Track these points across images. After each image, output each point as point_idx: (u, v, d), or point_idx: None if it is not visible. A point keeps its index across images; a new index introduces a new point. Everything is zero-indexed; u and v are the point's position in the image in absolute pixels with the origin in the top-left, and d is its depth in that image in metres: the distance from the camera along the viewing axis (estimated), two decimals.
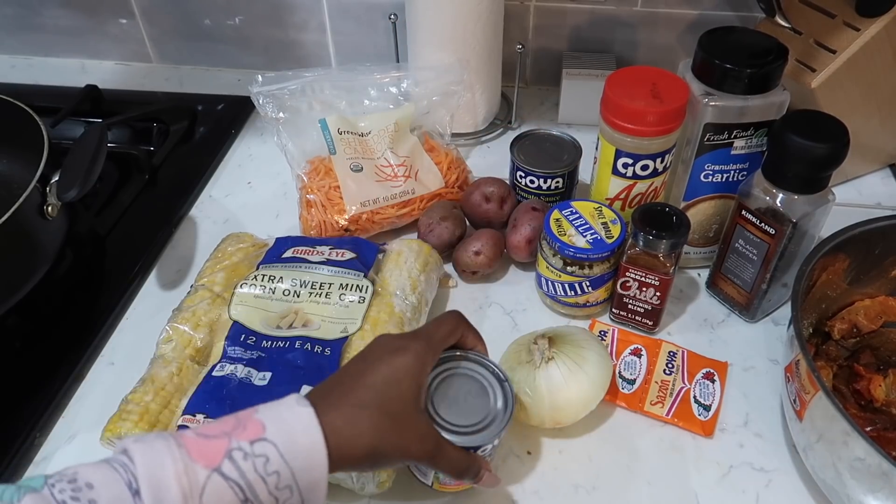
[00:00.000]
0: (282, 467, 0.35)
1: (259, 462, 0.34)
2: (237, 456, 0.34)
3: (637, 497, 0.51)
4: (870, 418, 0.53)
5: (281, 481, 0.35)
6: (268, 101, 0.72)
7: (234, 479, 0.34)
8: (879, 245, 0.57)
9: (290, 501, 0.35)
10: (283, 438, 0.36)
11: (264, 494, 0.34)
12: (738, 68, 0.55)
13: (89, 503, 0.31)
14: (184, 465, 0.33)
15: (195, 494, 0.33)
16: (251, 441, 0.35)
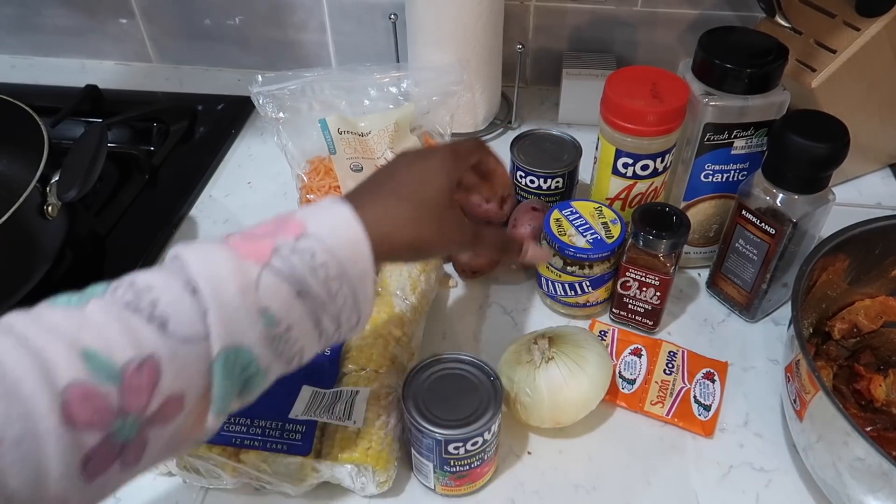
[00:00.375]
0: (328, 259, 0.36)
1: (306, 256, 0.35)
2: (284, 251, 0.35)
3: (637, 497, 0.51)
4: (870, 418, 0.53)
5: (329, 273, 0.36)
6: (268, 101, 0.72)
7: (284, 272, 0.35)
8: (880, 245, 0.57)
9: (342, 294, 0.37)
10: (325, 233, 0.37)
11: (316, 287, 0.36)
12: (738, 68, 0.55)
13: (151, 303, 0.32)
14: (235, 263, 0.34)
15: (250, 289, 0.34)
16: (295, 237, 0.36)
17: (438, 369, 0.50)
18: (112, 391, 0.30)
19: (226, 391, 0.34)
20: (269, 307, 0.34)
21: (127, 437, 0.31)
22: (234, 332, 0.33)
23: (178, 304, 0.33)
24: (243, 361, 0.34)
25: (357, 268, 0.37)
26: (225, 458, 0.48)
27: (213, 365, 0.33)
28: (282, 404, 0.50)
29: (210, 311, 0.33)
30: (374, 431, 0.49)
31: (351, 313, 0.38)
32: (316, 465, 0.48)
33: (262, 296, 0.34)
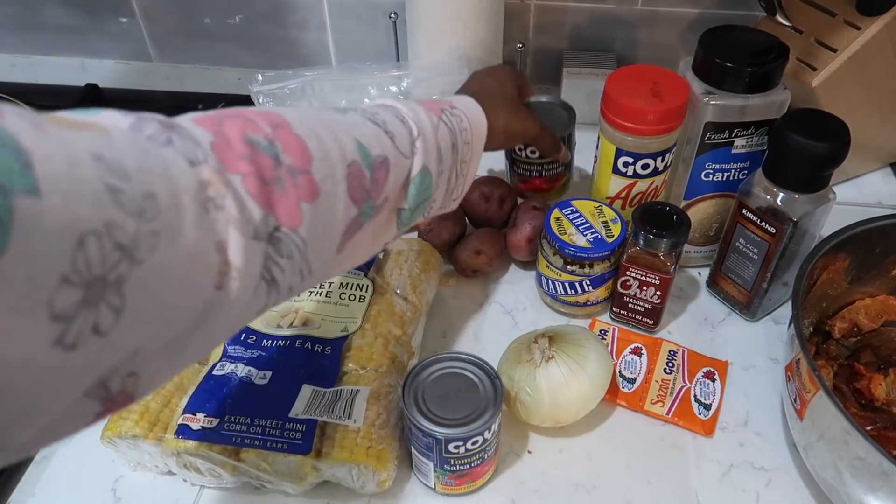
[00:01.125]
0: (468, 126, 0.49)
1: (456, 120, 0.48)
2: (447, 112, 0.48)
3: (637, 496, 0.51)
4: (870, 417, 0.52)
5: (465, 136, 0.48)
6: (268, 100, 0.72)
7: (450, 126, 0.47)
8: (880, 244, 0.57)
9: (465, 156, 0.49)
10: (466, 109, 0.50)
11: (459, 142, 0.48)
12: (738, 67, 0.55)
13: (383, 121, 0.42)
14: (425, 111, 0.45)
15: (434, 128, 0.45)
16: (451, 106, 0.49)
17: (438, 368, 0.50)
18: (367, 176, 0.38)
19: (413, 205, 0.44)
20: (440, 146, 0.45)
21: (364, 219, 0.39)
22: (428, 158, 0.44)
23: (398, 128, 0.42)
24: (426, 182, 0.44)
25: (478, 140, 0.51)
26: (225, 457, 0.48)
27: (413, 178, 0.43)
28: (282, 403, 0.50)
29: (418, 137, 0.43)
30: (375, 431, 0.49)
31: (464, 178, 0.50)
32: (316, 464, 0.48)
33: (440, 137, 0.45)
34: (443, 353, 0.50)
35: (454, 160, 0.47)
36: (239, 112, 0.36)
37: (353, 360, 0.53)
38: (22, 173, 0.20)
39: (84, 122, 0.25)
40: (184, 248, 0.26)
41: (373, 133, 0.40)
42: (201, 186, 0.28)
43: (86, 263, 0.22)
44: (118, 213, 0.23)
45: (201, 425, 0.48)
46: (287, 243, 0.33)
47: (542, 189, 0.70)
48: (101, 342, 0.23)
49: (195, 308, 0.28)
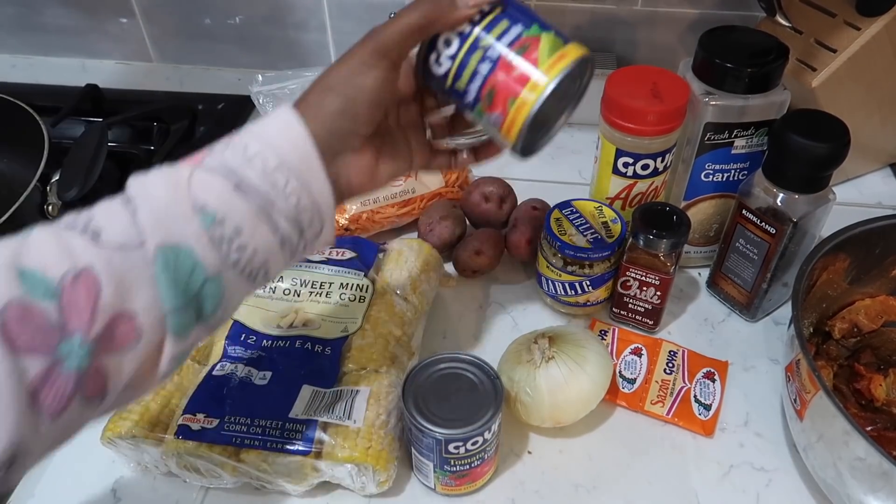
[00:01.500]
0: (263, 148, 0.34)
1: (238, 149, 0.34)
2: (218, 149, 0.35)
3: (637, 496, 0.51)
4: (870, 418, 0.52)
5: (268, 163, 0.34)
6: (268, 101, 0.72)
7: (215, 167, 0.34)
8: (880, 244, 0.57)
9: (292, 187, 0.35)
10: (257, 128, 0.36)
11: (256, 179, 0.34)
12: (738, 67, 0.55)
13: (87, 219, 0.32)
14: (169, 170, 0.34)
15: (181, 185, 0.33)
16: (229, 140, 0.36)
17: (439, 369, 0.50)
18: (50, 307, 0.29)
19: (176, 303, 0.32)
20: (206, 203, 0.33)
21: (78, 364, 0.30)
22: (168, 229, 0.32)
23: (111, 216, 0.32)
24: (186, 264, 0.32)
25: (297, 152, 0.35)
26: (225, 458, 0.48)
27: (154, 268, 0.32)
28: (282, 404, 0.50)
29: (139, 210, 0.32)
30: (375, 431, 0.49)
31: (312, 216, 0.36)
32: (316, 464, 0.48)
33: (195, 191, 0.33)
34: (443, 353, 0.50)
35: (262, 202, 0.34)
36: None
37: (353, 361, 0.53)
38: None
39: None
40: None
41: (57, 247, 0.31)
42: None
43: None
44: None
45: (201, 426, 0.48)
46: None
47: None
48: None
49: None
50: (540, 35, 0.38)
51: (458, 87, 0.40)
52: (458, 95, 0.40)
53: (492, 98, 0.39)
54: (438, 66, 0.40)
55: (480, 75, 0.38)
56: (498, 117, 0.39)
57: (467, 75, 0.39)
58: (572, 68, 0.38)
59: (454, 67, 0.39)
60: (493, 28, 0.38)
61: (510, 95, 0.38)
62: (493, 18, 0.38)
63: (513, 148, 0.41)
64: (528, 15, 0.39)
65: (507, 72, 0.38)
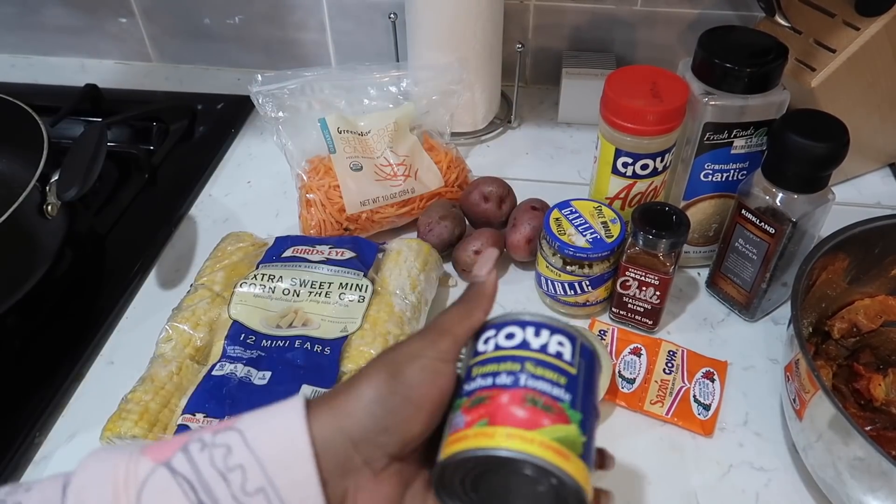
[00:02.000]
0: (246, 460, 0.27)
1: (218, 453, 0.27)
2: (193, 448, 0.27)
3: (637, 496, 0.51)
4: (869, 417, 0.53)
5: (248, 481, 0.27)
6: (267, 101, 0.72)
7: (183, 473, 0.27)
8: (879, 244, 0.57)
9: (250, 488, 0.27)
10: (252, 425, 0.28)
11: (226, 498, 0.26)
12: (738, 67, 0.55)
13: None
14: (127, 459, 0.27)
15: (131, 491, 0.26)
16: (215, 432, 0.28)
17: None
18: None
19: None
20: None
21: None
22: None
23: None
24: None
25: (290, 476, 0.27)
26: None
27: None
28: None
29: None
30: None
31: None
32: None
33: (144, 501, 0.26)
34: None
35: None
36: None
37: (352, 361, 0.53)
38: None
39: None
40: None
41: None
42: None
43: None
44: None
45: (201, 425, 0.48)
46: None
47: None
48: None
49: None
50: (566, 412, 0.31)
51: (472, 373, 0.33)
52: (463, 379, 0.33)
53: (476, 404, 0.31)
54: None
55: (490, 379, 0.32)
56: (460, 420, 0.31)
57: (485, 370, 0.33)
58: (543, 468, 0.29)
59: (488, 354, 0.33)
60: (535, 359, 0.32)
61: (487, 417, 0.30)
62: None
63: (437, 462, 0.31)
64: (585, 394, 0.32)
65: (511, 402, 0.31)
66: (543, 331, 0.34)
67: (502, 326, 0.35)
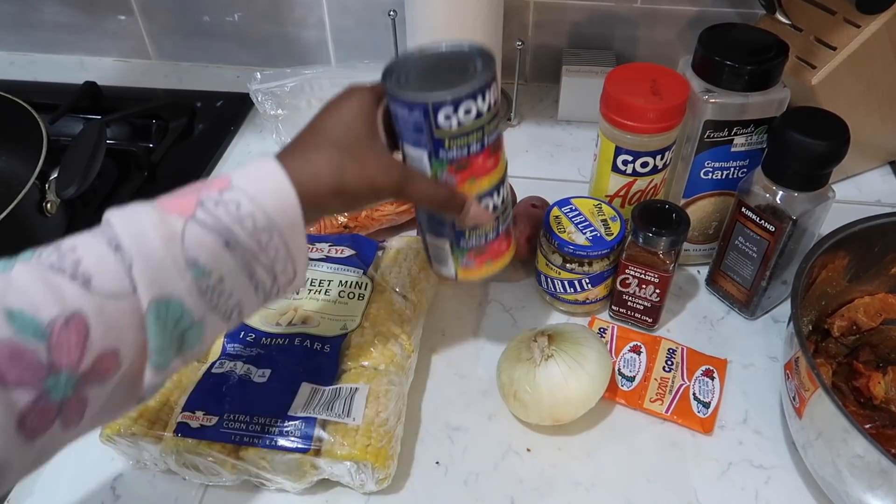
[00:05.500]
0: (254, 210, 0.36)
1: (231, 207, 0.36)
2: (208, 204, 0.36)
3: (636, 494, 0.51)
4: (869, 416, 0.53)
5: (257, 224, 0.36)
6: (266, 99, 0.72)
7: (209, 224, 0.35)
8: (879, 242, 0.57)
9: (273, 245, 0.37)
10: (249, 184, 0.37)
11: (245, 238, 0.36)
12: (738, 65, 0.55)
13: (74, 262, 0.33)
14: (159, 217, 0.35)
15: (175, 241, 0.34)
16: (219, 191, 0.36)
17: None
18: (39, 348, 0.31)
19: (161, 345, 0.34)
20: (198, 258, 0.35)
21: (63, 395, 0.32)
22: (162, 284, 0.34)
23: (102, 262, 0.33)
24: (175, 313, 0.34)
25: (286, 218, 0.37)
26: (224, 455, 0.48)
27: (144, 318, 0.34)
28: (281, 401, 0.50)
29: (135, 264, 0.33)
30: (374, 429, 0.49)
31: (286, 265, 0.39)
32: (315, 462, 0.48)
33: (188, 247, 0.34)
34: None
35: (244, 258, 0.36)
36: None
37: (352, 359, 0.53)
38: None
39: None
40: None
41: (46, 289, 0.32)
42: None
43: None
44: None
45: (200, 423, 0.48)
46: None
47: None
48: None
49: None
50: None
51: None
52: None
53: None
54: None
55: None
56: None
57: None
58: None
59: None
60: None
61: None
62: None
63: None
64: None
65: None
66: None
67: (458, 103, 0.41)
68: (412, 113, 0.41)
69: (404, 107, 0.42)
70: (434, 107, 0.41)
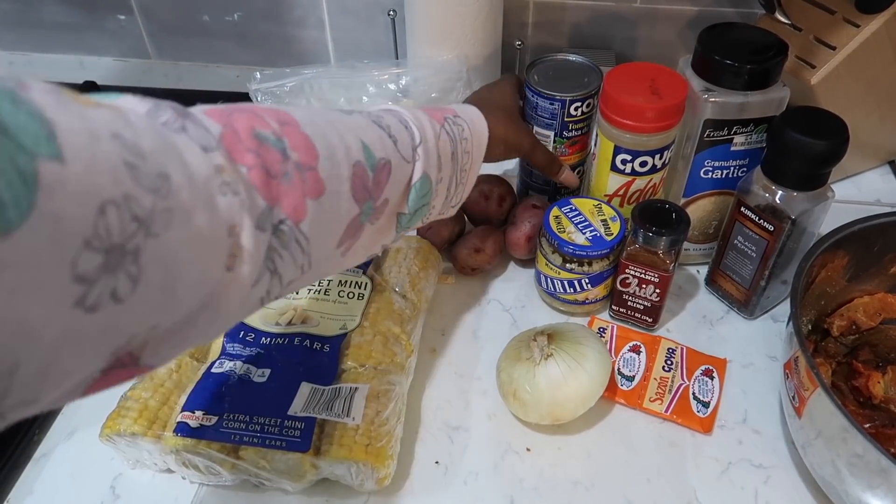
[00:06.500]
0: (468, 135, 0.51)
1: (458, 129, 0.49)
2: (450, 121, 0.49)
3: (636, 493, 0.51)
4: (868, 415, 0.53)
5: (466, 146, 0.50)
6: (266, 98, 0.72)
7: (451, 133, 0.48)
8: (878, 242, 0.57)
9: (465, 164, 0.50)
10: (468, 120, 0.52)
11: (459, 151, 0.49)
12: (737, 64, 0.55)
13: (387, 125, 0.43)
14: (428, 119, 0.47)
15: (436, 136, 0.46)
16: (454, 115, 0.50)
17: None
18: (370, 177, 0.40)
19: (413, 207, 0.45)
20: (442, 155, 0.47)
21: (364, 220, 0.40)
22: (429, 165, 0.45)
23: (402, 133, 0.44)
24: (427, 188, 0.45)
25: (479, 150, 0.52)
26: (224, 455, 0.48)
27: (414, 184, 0.44)
28: (281, 401, 0.50)
29: (420, 145, 0.45)
30: (374, 428, 0.49)
31: (464, 184, 0.52)
32: (315, 461, 0.48)
33: (441, 144, 0.47)
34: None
35: (454, 168, 0.49)
36: (248, 107, 0.37)
37: (351, 358, 0.53)
38: (47, 141, 0.21)
39: (105, 103, 0.27)
40: (197, 228, 0.27)
41: (377, 136, 0.41)
42: (216, 171, 0.29)
43: (106, 230, 0.23)
44: (135, 187, 0.24)
45: (200, 423, 0.48)
46: (290, 236, 0.34)
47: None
48: (118, 309, 0.24)
49: (206, 286, 0.29)
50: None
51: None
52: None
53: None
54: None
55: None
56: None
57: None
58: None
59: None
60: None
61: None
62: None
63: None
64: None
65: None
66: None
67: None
68: (553, 104, 0.61)
69: (546, 99, 0.61)
70: (569, 102, 0.61)
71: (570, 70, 0.64)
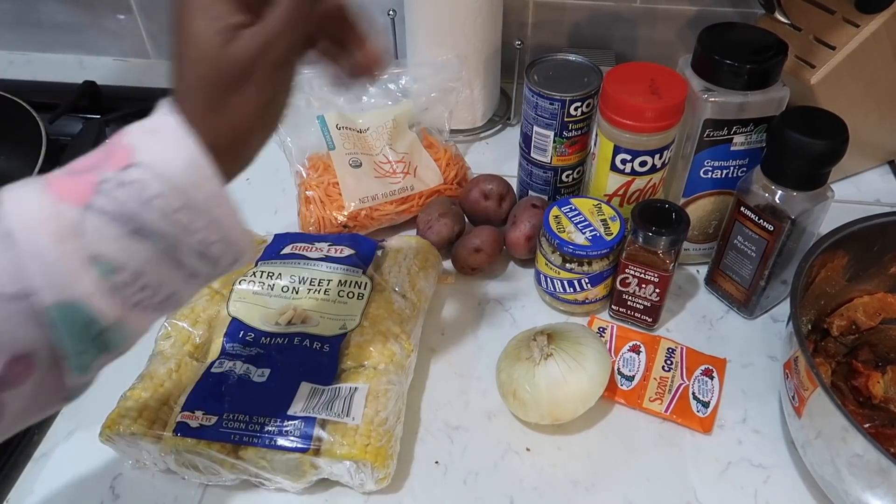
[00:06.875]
0: (164, 189, 0.31)
1: (134, 189, 0.30)
2: (108, 187, 0.30)
3: (636, 493, 0.51)
4: (868, 415, 0.53)
5: (171, 204, 0.31)
6: None
7: (111, 211, 0.30)
8: (878, 242, 0.57)
9: (198, 225, 0.32)
10: (153, 156, 0.31)
11: (159, 223, 0.31)
12: (737, 64, 0.55)
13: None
14: (52, 209, 0.30)
15: (71, 236, 0.30)
16: (121, 168, 0.31)
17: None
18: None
19: (78, 349, 0.31)
20: (101, 253, 0.30)
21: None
22: (60, 286, 0.30)
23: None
24: (83, 318, 0.30)
25: (203, 192, 0.32)
26: (224, 455, 0.48)
27: (49, 322, 0.30)
28: (281, 401, 0.50)
29: (29, 264, 0.29)
30: (373, 428, 0.49)
31: (224, 248, 0.34)
32: (315, 461, 0.48)
33: (88, 240, 0.30)
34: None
35: (165, 245, 0.32)
36: None
37: (351, 358, 0.53)
38: None
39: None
40: None
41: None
42: None
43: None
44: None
45: (200, 423, 0.48)
46: None
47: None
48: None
49: None
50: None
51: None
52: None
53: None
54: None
55: None
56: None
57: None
58: None
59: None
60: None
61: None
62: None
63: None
64: None
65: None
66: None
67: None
68: (552, 104, 0.61)
69: (546, 99, 0.61)
70: (569, 102, 0.61)
71: (570, 70, 0.64)
